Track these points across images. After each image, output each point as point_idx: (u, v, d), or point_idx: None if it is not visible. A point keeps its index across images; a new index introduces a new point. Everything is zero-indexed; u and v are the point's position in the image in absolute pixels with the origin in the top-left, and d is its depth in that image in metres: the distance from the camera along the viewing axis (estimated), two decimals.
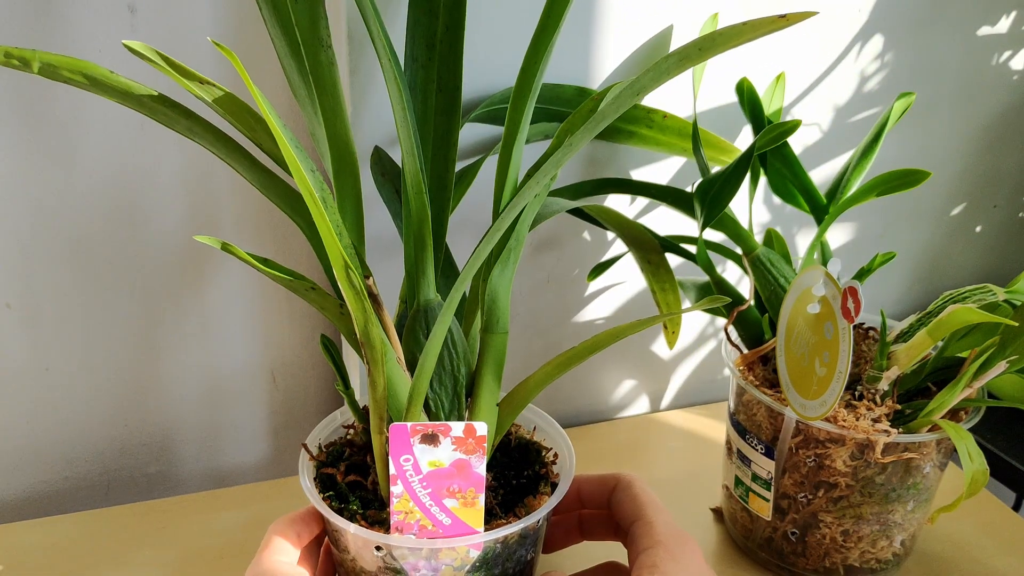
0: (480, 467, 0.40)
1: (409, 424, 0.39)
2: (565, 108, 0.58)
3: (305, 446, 0.46)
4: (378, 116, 0.56)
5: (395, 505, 0.40)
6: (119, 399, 0.64)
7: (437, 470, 0.40)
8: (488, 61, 0.57)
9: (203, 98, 0.39)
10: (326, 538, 0.46)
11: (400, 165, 0.49)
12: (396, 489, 0.40)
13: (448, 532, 0.41)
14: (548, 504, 0.43)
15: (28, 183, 0.56)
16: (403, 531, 0.41)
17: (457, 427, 0.39)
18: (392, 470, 0.40)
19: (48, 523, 0.60)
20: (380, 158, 0.56)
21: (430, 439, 0.39)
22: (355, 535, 0.41)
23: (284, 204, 0.44)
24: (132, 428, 0.65)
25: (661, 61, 0.35)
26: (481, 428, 0.39)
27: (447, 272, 0.52)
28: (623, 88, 0.37)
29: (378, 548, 0.41)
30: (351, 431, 0.48)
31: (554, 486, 0.46)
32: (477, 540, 0.41)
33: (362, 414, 0.47)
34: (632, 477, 0.47)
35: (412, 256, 0.43)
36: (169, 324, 0.63)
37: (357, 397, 0.47)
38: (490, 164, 0.56)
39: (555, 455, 0.48)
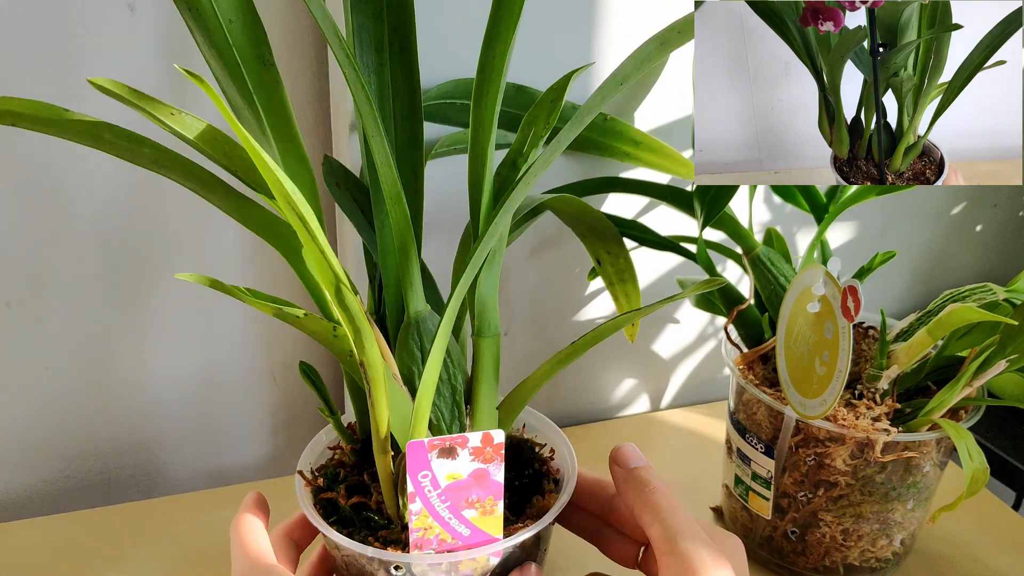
0: (498, 474, 0.39)
1: (426, 440, 0.38)
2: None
3: (301, 473, 0.45)
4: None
5: (414, 523, 0.39)
6: (119, 398, 0.64)
7: (455, 482, 0.39)
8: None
9: (175, 130, 0.38)
10: (320, 546, 0.45)
11: (350, 171, 0.48)
12: (415, 507, 0.39)
13: (467, 543, 0.40)
14: (560, 501, 0.43)
15: (27, 183, 0.56)
16: (423, 548, 0.40)
17: (475, 437, 0.39)
18: (410, 488, 0.39)
19: (48, 523, 0.60)
20: (332, 168, 0.50)
21: (448, 452, 0.39)
22: (372, 558, 0.40)
23: (264, 232, 0.42)
24: (132, 427, 0.65)
25: (641, 48, 0.35)
26: (499, 436, 0.39)
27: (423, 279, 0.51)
28: (606, 79, 0.36)
29: (396, 567, 0.40)
30: (338, 451, 0.48)
31: (555, 482, 0.45)
32: (498, 548, 0.40)
33: (350, 435, 0.46)
34: (646, 476, 0.42)
35: (395, 267, 0.42)
36: (169, 323, 0.63)
37: (351, 415, 0.47)
38: (446, 162, 0.56)
39: (551, 451, 0.48)
